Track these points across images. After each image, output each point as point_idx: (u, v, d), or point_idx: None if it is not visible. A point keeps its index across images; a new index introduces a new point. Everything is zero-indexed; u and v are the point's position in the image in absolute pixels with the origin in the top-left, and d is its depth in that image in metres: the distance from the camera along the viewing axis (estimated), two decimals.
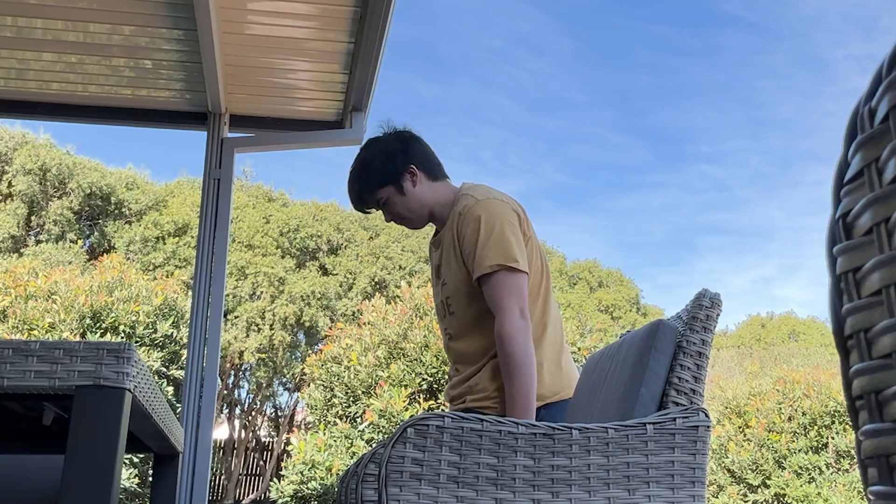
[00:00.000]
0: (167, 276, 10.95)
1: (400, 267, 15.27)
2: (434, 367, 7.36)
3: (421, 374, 7.41)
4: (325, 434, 7.73)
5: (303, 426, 12.03)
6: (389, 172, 2.14)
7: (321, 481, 7.47)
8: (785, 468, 8.37)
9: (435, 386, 7.41)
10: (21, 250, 13.03)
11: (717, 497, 8.74)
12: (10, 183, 13.73)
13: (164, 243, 13.93)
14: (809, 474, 8.24)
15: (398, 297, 9.08)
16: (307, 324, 13.72)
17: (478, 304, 2.05)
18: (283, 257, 14.37)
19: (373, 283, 14.82)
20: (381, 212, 2.23)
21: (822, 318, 21.62)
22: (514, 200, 2.12)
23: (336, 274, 14.84)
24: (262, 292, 13.50)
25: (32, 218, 13.82)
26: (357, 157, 2.22)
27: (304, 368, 10.99)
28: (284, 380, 14.39)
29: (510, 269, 1.95)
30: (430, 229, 2.31)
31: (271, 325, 13.24)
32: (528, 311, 1.96)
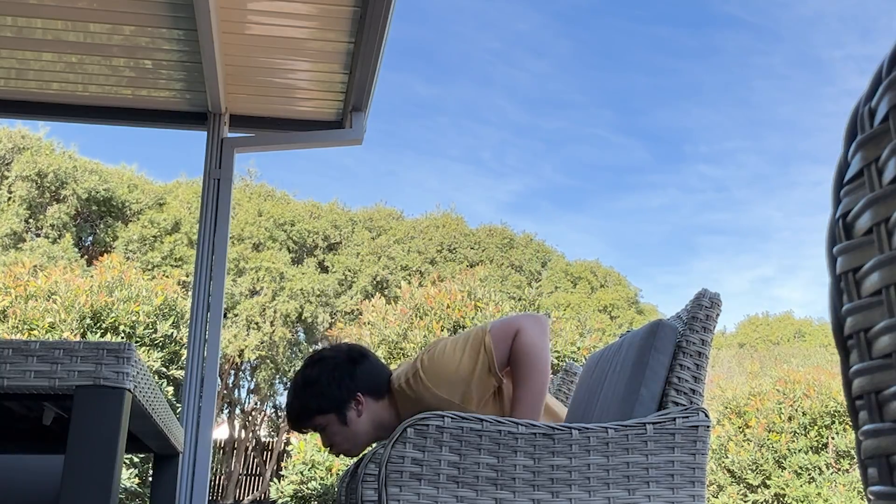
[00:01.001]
0: (165, 277, 10.95)
1: (403, 267, 15.28)
2: None
3: None
4: None
5: None
6: (335, 399, 1.98)
7: (321, 481, 7.47)
8: (785, 468, 8.37)
9: None
10: (19, 245, 13.04)
11: (716, 497, 8.74)
12: (9, 188, 13.73)
13: (162, 242, 13.94)
14: (809, 474, 8.24)
15: (398, 297, 9.09)
16: (308, 320, 13.73)
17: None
18: (279, 250, 14.36)
19: (374, 283, 14.83)
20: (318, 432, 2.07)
21: (822, 318, 21.64)
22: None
23: (335, 271, 14.84)
24: (262, 288, 13.49)
25: (31, 220, 13.84)
26: (301, 371, 2.07)
27: None
28: (286, 379, 14.39)
29: (485, 333, 1.90)
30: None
31: (272, 322, 13.24)
32: (542, 317, 1.94)
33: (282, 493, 7.94)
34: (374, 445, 1.73)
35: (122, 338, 7.56)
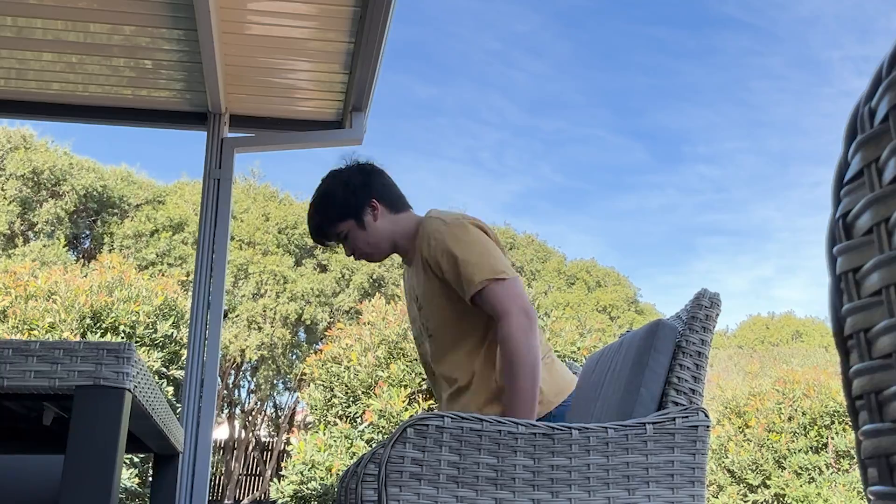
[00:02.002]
0: (162, 275, 10.95)
1: (399, 265, 15.28)
2: None
3: (421, 374, 7.41)
4: (325, 434, 7.73)
5: (303, 426, 12.04)
6: (351, 206, 2.11)
7: (321, 481, 7.47)
8: (785, 468, 8.37)
9: None
10: (10, 251, 13.02)
11: (717, 497, 8.74)
12: (2, 186, 13.72)
13: (159, 239, 13.93)
14: (809, 474, 8.24)
15: (397, 296, 9.08)
16: (308, 321, 13.73)
17: (457, 327, 2.04)
18: (283, 255, 14.40)
19: (371, 280, 14.83)
20: (341, 245, 2.19)
21: (822, 318, 21.64)
22: (480, 221, 2.10)
23: (332, 270, 14.84)
24: (266, 290, 13.51)
25: (25, 218, 13.82)
26: (317, 189, 2.19)
27: (304, 368, 11.00)
28: (285, 379, 14.39)
29: (499, 280, 1.93)
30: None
31: (272, 323, 13.25)
32: (531, 309, 1.95)
33: (282, 493, 7.94)
34: (373, 446, 1.73)
35: (122, 338, 7.56)
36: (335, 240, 2.17)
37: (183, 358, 7.61)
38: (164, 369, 7.63)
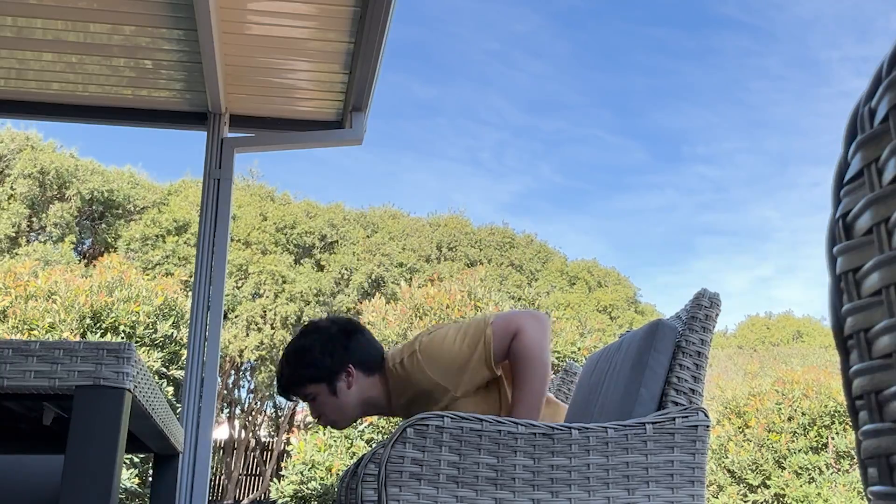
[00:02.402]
0: (166, 276, 10.95)
1: (399, 264, 15.28)
2: None
3: None
4: (324, 434, 7.73)
5: (303, 426, 12.04)
6: (326, 370, 1.99)
7: (321, 481, 7.47)
8: (785, 468, 8.37)
9: None
10: (16, 251, 13.03)
11: (716, 497, 8.73)
12: (11, 186, 13.73)
13: (164, 241, 13.94)
14: (809, 474, 8.24)
15: (398, 296, 9.09)
16: (307, 321, 13.72)
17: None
18: (281, 254, 14.39)
19: (370, 280, 14.82)
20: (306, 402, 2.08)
21: (821, 318, 21.64)
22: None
23: (331, 270, 14.84)
24: (265, 290, 13.51)
25: (33, 220, 13.83)
26: (294, 341, 2.08)
27: None
28: None
29: (489, 323, 1.90)
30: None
31: (272, 325, 13.25)
32: (540, 314, 1.94)
33: (282, 493, 7.94)
34: (373, 446, 1.73)
35: (122, 338, 7.56)
36: (302, 399, 2.06)
37: (183, 358, 7.61)
38: (164, 369, 7.62)
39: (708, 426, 1.69)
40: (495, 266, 16.46)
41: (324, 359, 2.00)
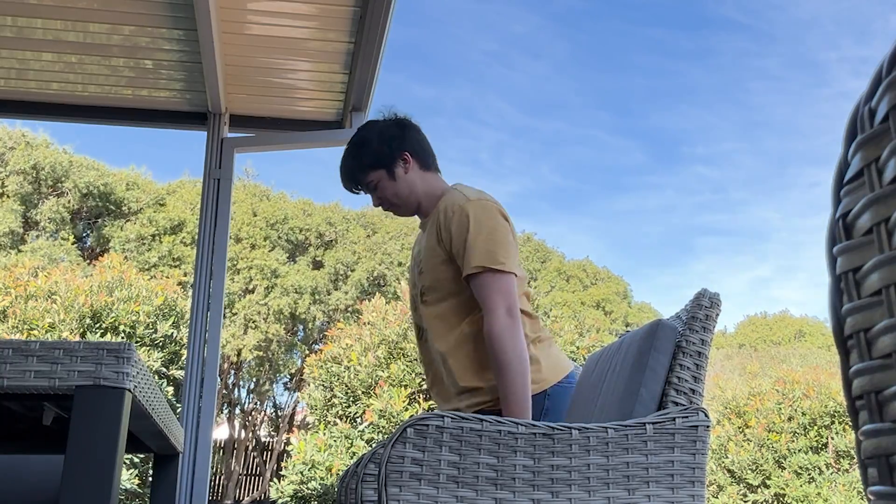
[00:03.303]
0: (166, 278, 10.96)
1: (399, 263, 15.28)
2: None
3: (421, 374, 7.40)
4: (325, 434, 7.73)
5: (303, 426, 12.04)
6: (384, 155, 2.14)
7: (321, 481, 7.47)
8: (785, 468, 8.37)
9: None
10: (19, 247, 13.03)
11: (717, 497, 8.74)
12: (3, 182, 13.72)
13: (161, 241, 13.93)
14: (809, 474, 8.24)
15: (398, 296, 9.08)
16: (302, 316, 13.71)
17: (450, 290, 2.06)
18: (272, 249, 14.37)
19: (370, 279, 14.82)
20: (369, 196, 2.22)
21: (820, 318, 21.65)
22: (502, 206, 2.12)
23: (328, 268, 14.83)
24: (256, 286, 13.50)
25: (28, 215, 13.82)
26: (354, 136, 2.23)
27: (303, 367, 10.99)
28: (282, 377, 14.38)
29: (495, 271, 1.95)
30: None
31: (266, 319, 13.24)
32: (516, 309, 1.95)
33: (282, 493, 7.94)
34: (373, 445, 1.73)
35: (122, 338, 7.56)
36: (364, 188, 2.19)
37: (183, 358, 7.61)
38: (164, 369, 7.62)
39: (708, 426, 1.69)
40: None
41: (381, 146, 2.15)
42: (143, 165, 20.95)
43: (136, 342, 7.54)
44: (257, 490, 14.24)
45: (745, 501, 8.53)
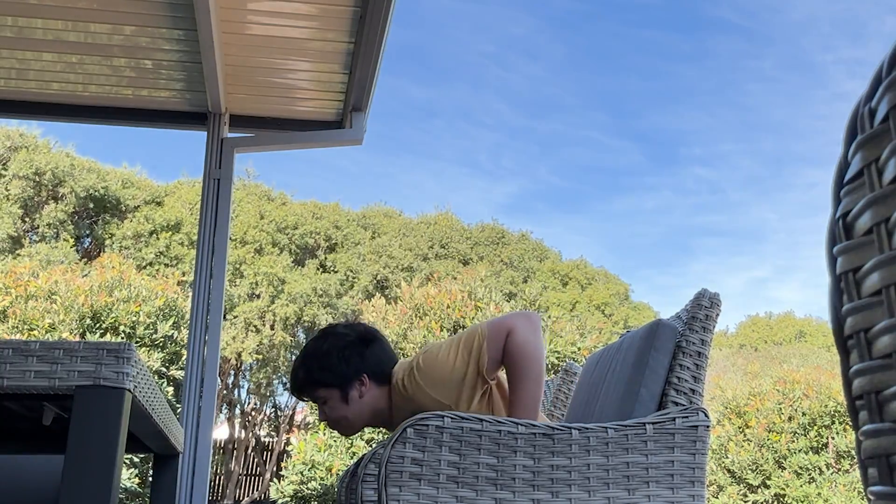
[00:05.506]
0: (165, 278, 10.96)
1: (402, 267, 15.29)
2: None
3: None
4: (324, 434, 7.73)
5: (303, 426, 12.04)
6: (340, 376, 2.00)
7: (321, 481, 7.47)
8: (785, 468, 8.37)
9: None
10: (17, 251, 13.03)
11: (717, 497, 8.73)
12: (6, 187, 13.72)
13: (157, 238, 13.92)
14: (809, 474, 8.24)
15: (398, 297, 9.09)
16: (307, 323, 13.71)
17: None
18: (279, 254, 14.36)
19: (375, 282, 14.82)
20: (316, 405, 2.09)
21: (820, 318, 21.64)
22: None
23: (336, 272, 14.83)
24: (261, 292, 13.49)
25: (27, 219, 13.82)
26: (311, 343, 2.09)
27: None
28: (285, 379, 14.38)
29: (483, 328, 1.92)
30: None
31: (271, 326, 13.23)
32: (532, 313, 1.94)
33: (282, 493, 7.94)
34: (373, 446, 1.73)
35: (122, 338, 7.56)
36: (312, 401, 2.08)
37: (183, 358, 7.61)
38: (164, 369, 7.62)
39: (708, 426, 1.69)
40: (488, 263, 16.49)
41: (339, 365, 2.00)
42: (143, 165, 20.95)
43: (136, 342, 7.54)
44: (257, 490, 14.24)
45: (745, 501, 8.53)
